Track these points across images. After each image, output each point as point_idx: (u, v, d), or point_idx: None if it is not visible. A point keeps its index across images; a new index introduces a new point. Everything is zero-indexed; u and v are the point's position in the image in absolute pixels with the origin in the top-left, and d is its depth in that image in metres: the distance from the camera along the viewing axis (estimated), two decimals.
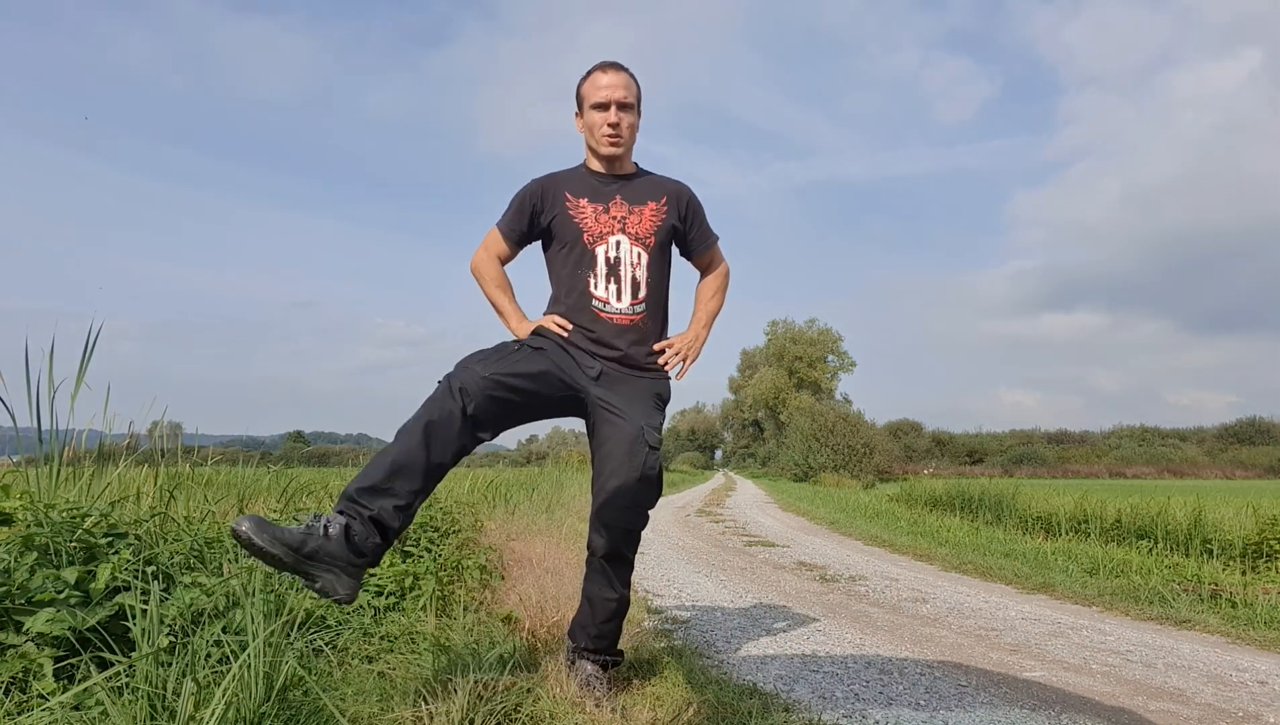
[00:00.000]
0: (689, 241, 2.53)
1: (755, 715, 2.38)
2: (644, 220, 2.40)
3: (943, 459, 55.74)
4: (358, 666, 2.44)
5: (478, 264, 2.48)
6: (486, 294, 2.49)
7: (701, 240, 2.55)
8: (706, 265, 2.62)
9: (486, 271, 2.47)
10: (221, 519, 3.45)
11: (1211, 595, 4.83)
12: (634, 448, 2.14)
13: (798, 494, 20.23)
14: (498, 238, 2.46)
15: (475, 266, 2.49)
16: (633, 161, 2.49)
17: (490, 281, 2.47)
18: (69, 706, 1.77)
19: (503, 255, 2.48)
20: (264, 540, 1.73)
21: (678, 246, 2.54)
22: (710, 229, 2.57)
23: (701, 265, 2.62)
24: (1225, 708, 2.73)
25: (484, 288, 2.49)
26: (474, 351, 2.20)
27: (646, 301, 2.39)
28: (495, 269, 2.47)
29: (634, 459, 2.13)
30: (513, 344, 2.25)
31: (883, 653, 3.39)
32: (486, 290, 2.48)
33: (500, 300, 2.47)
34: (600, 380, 2.29)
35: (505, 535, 4.90)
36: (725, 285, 2.64)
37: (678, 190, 2.48)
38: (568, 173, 2.47)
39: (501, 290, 2.47)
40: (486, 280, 2.47)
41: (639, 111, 2.42)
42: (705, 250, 2.58)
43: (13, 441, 3.23)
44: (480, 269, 2.48)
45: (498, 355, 2.17)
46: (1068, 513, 8.77)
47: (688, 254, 2.58)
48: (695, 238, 2.53)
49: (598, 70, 2.38)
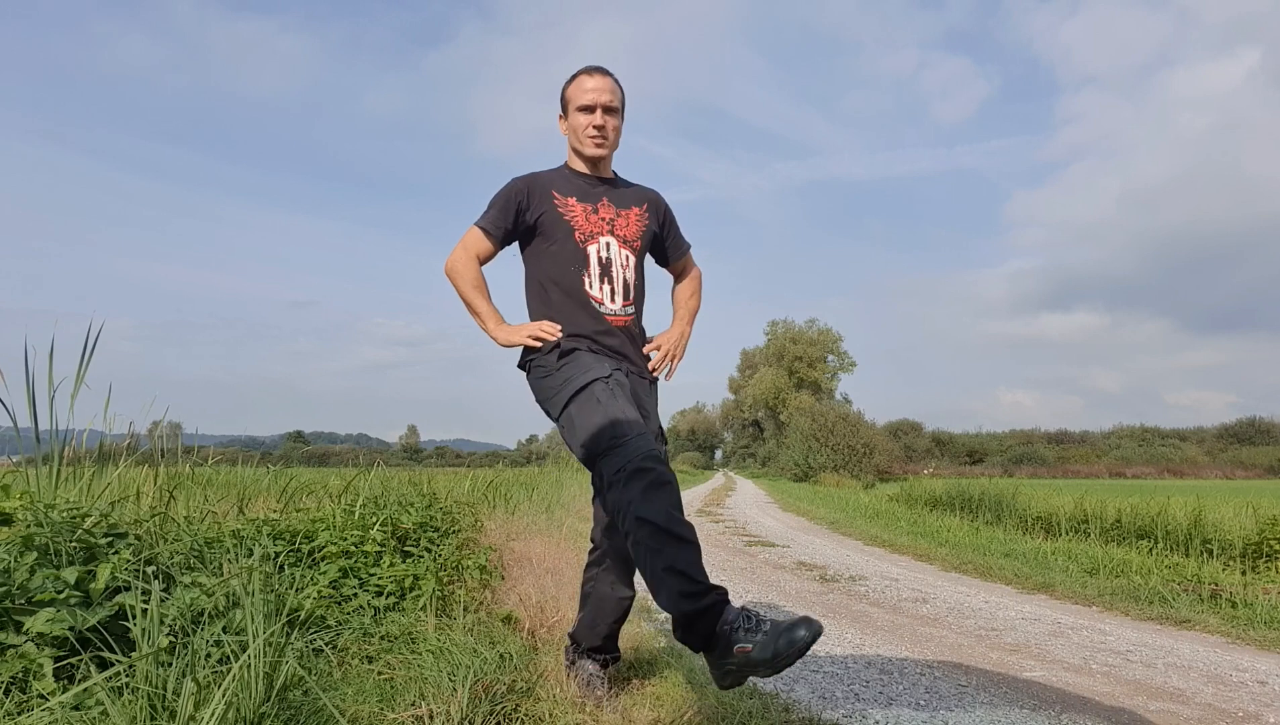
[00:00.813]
0: (666, 248, 2.58)
1: (755, 715, 2.38)
2: (630, 224, 2.42)
3: (943, 459, 55.74)
4: (358, 666, 2.44)
5: (454, 264, 2.41)
6: (463, 295, 2.41)
7: (677, 247, 2.61)
8: (681, 271, 2.67)
9: (464, 272, 2.39)
10: (221, 519, 3.46)
11: (1211, 595, 4.83)
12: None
13: (798, 494, 20.23)
14: (480, 237, 2.39)
15: (451, 267, 2.41)
16: (612, 168, 2.51)
17: (468, 283, 2.39)
18: (69, 706, 1.77)
19: (484, 254, 2.42)
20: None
21: (653, 253, 2.57)
22: (684, 236, 2.64)
23: (676, 271, 2.67)
24: (1225, 708, 2.73)
25: (460, 289, 2.42)
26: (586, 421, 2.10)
27: (635, 303, 2.42)
28: (474, 270, 2.40)
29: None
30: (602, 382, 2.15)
31: (883, 653, 3.39)
32: (463, 291, 2.41)
33: (478, 302, 2.39)
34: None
35: (505, 535, 4.90)
36: (700, 287, 2.71)
37: (655, 198, 2.53)
38: (550, 172, 2.47)
39: (479, 291, 2.40)
40: (464, 281, 2.39)
41: (623, 116, 2.45)
42: (680, 257, 2.64)
43: (13, 441, 3.23)
44: (457, 269, 2.40)
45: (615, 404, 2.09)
46: (1068, 513, 8.77)
47: (664, 261, 2.62)
48: (672, 245, 2.59)
49: (583, 74, 2.40)
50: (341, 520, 3.54)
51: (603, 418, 2.06)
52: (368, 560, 3.24)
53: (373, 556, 3.27)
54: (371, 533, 3.42)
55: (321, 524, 3.47)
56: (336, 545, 3.23)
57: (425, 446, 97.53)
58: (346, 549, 3.25)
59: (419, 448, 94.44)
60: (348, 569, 3.16)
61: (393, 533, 3.51)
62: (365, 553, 3.26)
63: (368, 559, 3.24)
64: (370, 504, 3.89)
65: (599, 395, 2.11)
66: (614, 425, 2.03)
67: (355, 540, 3.32)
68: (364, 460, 6.93)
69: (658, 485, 1.92)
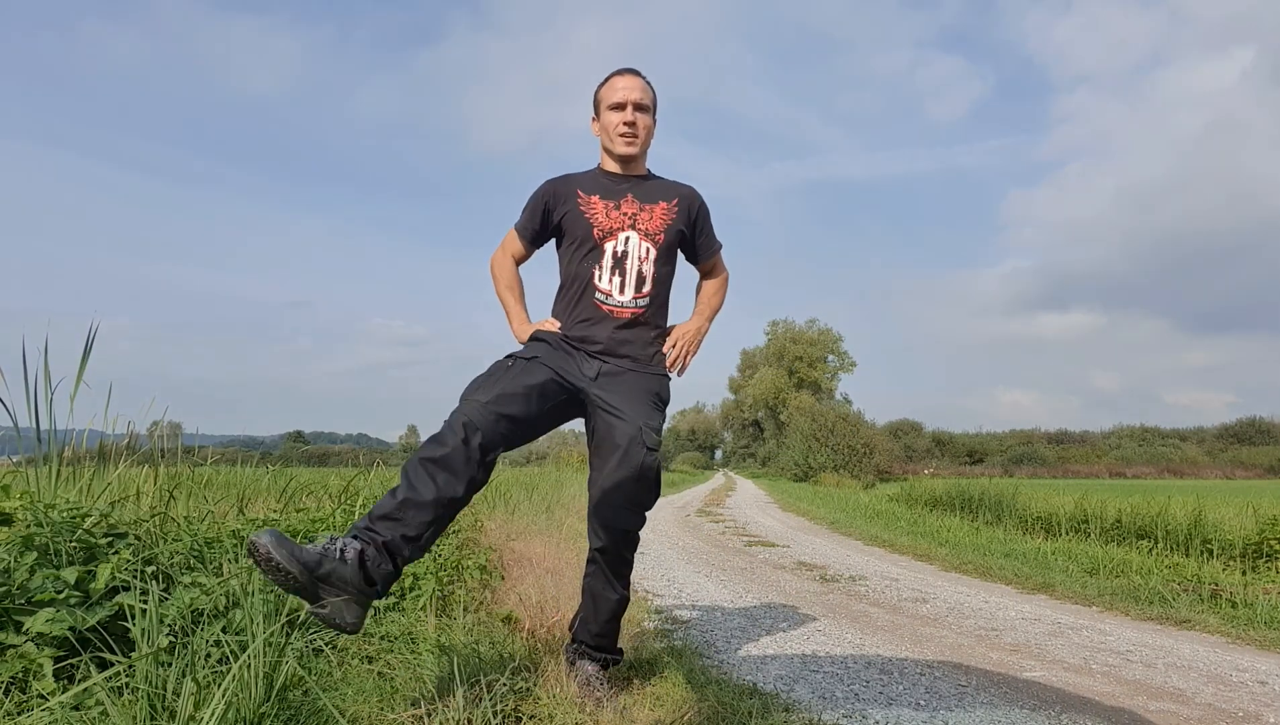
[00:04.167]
0: (695, 246, 2.57)
1: (755, 715, 2.38)
2: (655, 218, 2.43)
3: (943, 459, 55.74)
4: (358, 666, 2.44)
5: (493, 264, 2.58)
6: (497, 293, 2.57)
7: (707, 246, 2.60)
8: (709, 270, 2.67)
9: (500, 272, 2.56)
10: (221, 519, 3.45)
11: (1211, 595, 4.83)
12: (631, 447, 2.13)
13: (798, 494, 20.23)
14: (514, 238, 2.54)
15: (491, 266, 2.58)
16: (645, 166, 2.53)
17: (502, 282, 2.55)
18: (69, 706, 1.77)
19: (518, 255, 2.56)
20: (281, 556, 1.72)
21: (683, 251, 2.57)
22: (715, 236, 2.62)
23: (705, 270, 2.67)
24: (1225, 708, 2.73)
25: (496, 287, 2.57)
26: (473, 379, 2.22)
27: (651, 296, 2.41)
28: (509, 270, 2.55)
29: (631, 459, 2.12)
30: (506, 361, 2.27)
31: (883, 653, 3.39)
32: (497, 290, 2.57)
33: (508, 301, 2.54)
34: (599, 380, 2.30)
35: (505, 535, 4.90)
36: (725, 288, 2.70)
37: (690, 194, 2.52)
38: (581, 174, 2.52)
39: (510, 291, 2.54)
40: (499, 280, 2.56)
41: (655, 116, 2.47)
42: (710, 256, 2.62)
43: (13, 441, 3.23)
44: (495, 269, 2.57)
45: (494, 377, 2.19)
46: (1068, 513, 8.77)
47: (694, 259, 2.62)
48: (702, 243, 2.58)
49: (615, 75, 2.45)
50: (341, 520, 3.54)
51: (475, 382, 2.19)
52: None
53: None
54: None
55: (321, 524, 3.47)
56: None
57: None
58: None
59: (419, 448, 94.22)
60: None
61: None
62: None
63: None
64: (370, 504, 3.89)
65: (494, 367, 2.25)
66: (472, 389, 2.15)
67: None
68: (364, 460, 6.94)
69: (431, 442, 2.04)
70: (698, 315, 2.62)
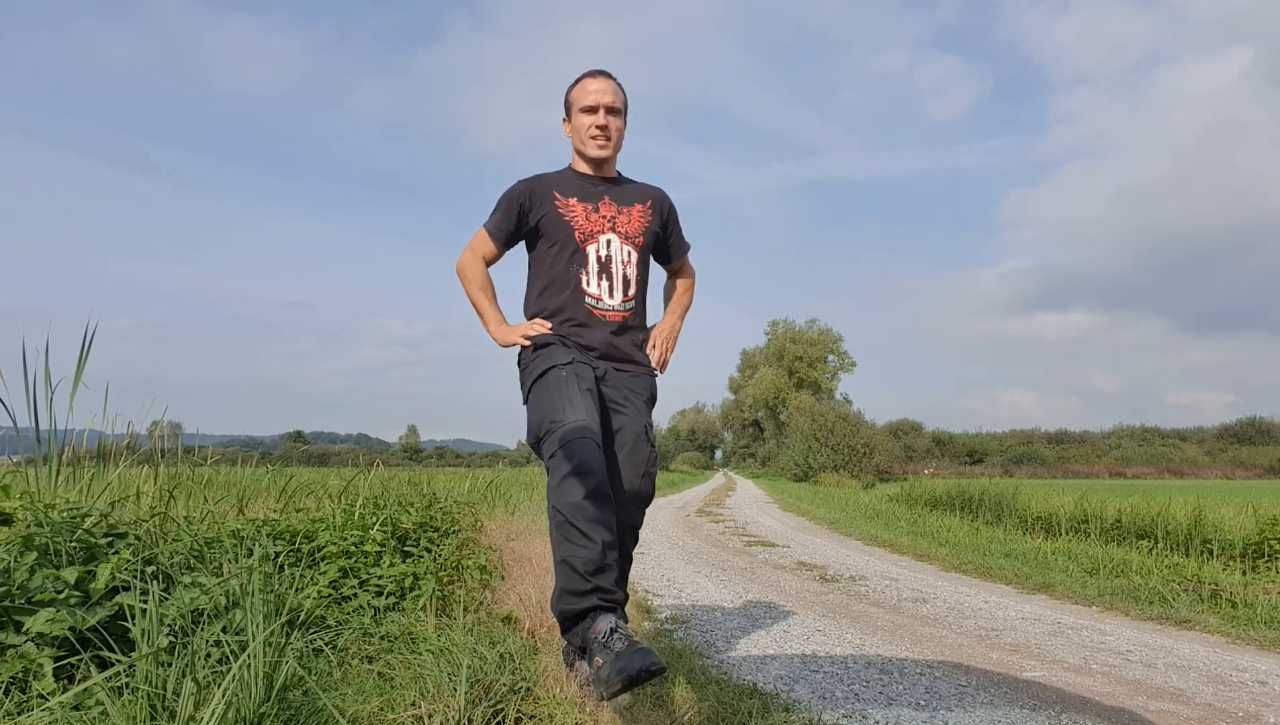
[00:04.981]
0: (668, 247, 2.61)
1: (755, 715, 2.38)
2: (633, 220, 2.46)
3: (943, 459, 55.72)
4: (358, 666, 2.44)
5: (462, 265, 2.50)
6: (469, 295, 2.51)
7: (678, 246, 2.64)
8: (679, 270, 2.71)
9: (471, 273, 2.48)
10: (221, 519, 3.45)
11: (1211, 595, 4.83)
12: (637, 445, 2.25)
13: (798, 494, 20.23)
14: (485, 239, 2.48)
15: (460, 268, 2.51)
16: (616, 168, 2.54)
17: (473, 283, 2.48)
18: (69, 706, 1.77)
19: (489, 256, 2.50)
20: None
21: (655, 251, 2.59)
22: (684, 237, 2.66)
23: (674, 270, 2.72)
24: (1225, 708, 2.73)
25: (467, 289, 2.51)
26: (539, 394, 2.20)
27: (636, 298, 2.46)
28: (480, 271, 2.49)
29: (637, 455, 2.25)
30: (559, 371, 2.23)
31: (883, 653, 3.39)
32: (469, 292, 2.50)
33: (481, 302, 2.48)
34: (605, 379, 2.36)
35: (505, 535, 4.90)
36: (693, 286, 2.74)
37: (661, 196, 2.55)
38: (554, 175, 2.51)
39: (483, 292, 2.48)
40: (470, 282, 2.49)
41: (625, 118, 2.48)
42: (680, 256, 2.67)
43: (13, 442, 3.23)
44: (464, 271, 2.49)
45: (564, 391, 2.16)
46: (1068, 513, 8.76)
47: (664, 260, 2.65)
48: (673, 244, 2.62)
49: (587, 77, 2.45)
50: (341, 520, 3.54)
51: (547, 402, 2.15)
52: (368, 560, 3.24)
53: (373, 556, 3.27)
54: (371, 533, 3.42)
55: (321, 524, 3.47)
56: (336, 545, 3.23)
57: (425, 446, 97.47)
58: (346, 549, 3.25)
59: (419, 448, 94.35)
60: (347, 569, 3.16)
61: (393, 533, 3.51)
62: (365, 553, 3.26)
63: (368, 559, 3.24)
64: (370, 504, 3.89)
65: (551, 381, 2.20)
66: (553, 410, 2.11)
67: (355, 540, 3.32)
68: (364, 460, 6.93)
69: (577, 474, 1.97)
70: (670, 314, 2.67)
